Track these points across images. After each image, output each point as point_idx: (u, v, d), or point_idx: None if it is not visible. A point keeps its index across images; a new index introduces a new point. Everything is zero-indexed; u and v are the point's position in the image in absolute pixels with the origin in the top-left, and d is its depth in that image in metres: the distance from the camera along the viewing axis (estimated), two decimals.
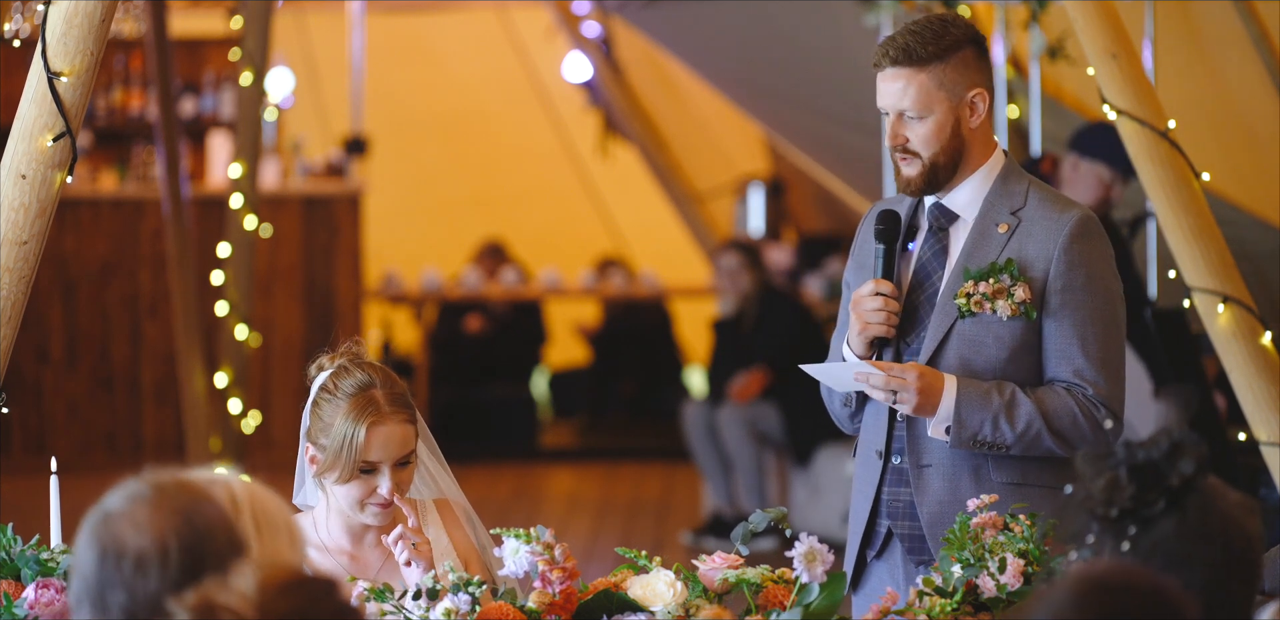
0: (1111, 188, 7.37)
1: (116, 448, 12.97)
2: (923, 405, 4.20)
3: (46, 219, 4.70)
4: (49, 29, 4.68)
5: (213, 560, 2.59)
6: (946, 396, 4.20)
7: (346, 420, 4.02)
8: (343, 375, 4.08)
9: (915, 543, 4.30)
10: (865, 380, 4.21)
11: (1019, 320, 4.27)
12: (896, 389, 4.19)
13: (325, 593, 2.55)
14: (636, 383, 15.15)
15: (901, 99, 4.28)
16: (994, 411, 4.20)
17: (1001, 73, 7.89)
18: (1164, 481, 2.69)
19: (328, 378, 4.10)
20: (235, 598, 2.50)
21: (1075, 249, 4.27)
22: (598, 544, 10.38)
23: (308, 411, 4.11)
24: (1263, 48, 7.47)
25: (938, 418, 4.22)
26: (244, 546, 2.63)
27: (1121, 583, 2.51)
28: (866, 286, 4.30)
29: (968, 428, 4.20)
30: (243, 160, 9.46)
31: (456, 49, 15.66)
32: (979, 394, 4.21)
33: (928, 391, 4.19)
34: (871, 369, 4.18)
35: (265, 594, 2.50)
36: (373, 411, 4.03)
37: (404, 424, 4.06)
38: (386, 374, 4.11)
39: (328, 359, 4.14)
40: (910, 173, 4.32)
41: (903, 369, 4.19)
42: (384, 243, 14.91)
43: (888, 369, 4.18)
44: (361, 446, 4.01)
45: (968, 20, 4.38)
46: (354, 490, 4.05)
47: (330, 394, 4.06)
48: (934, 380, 4.20)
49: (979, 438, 4.20)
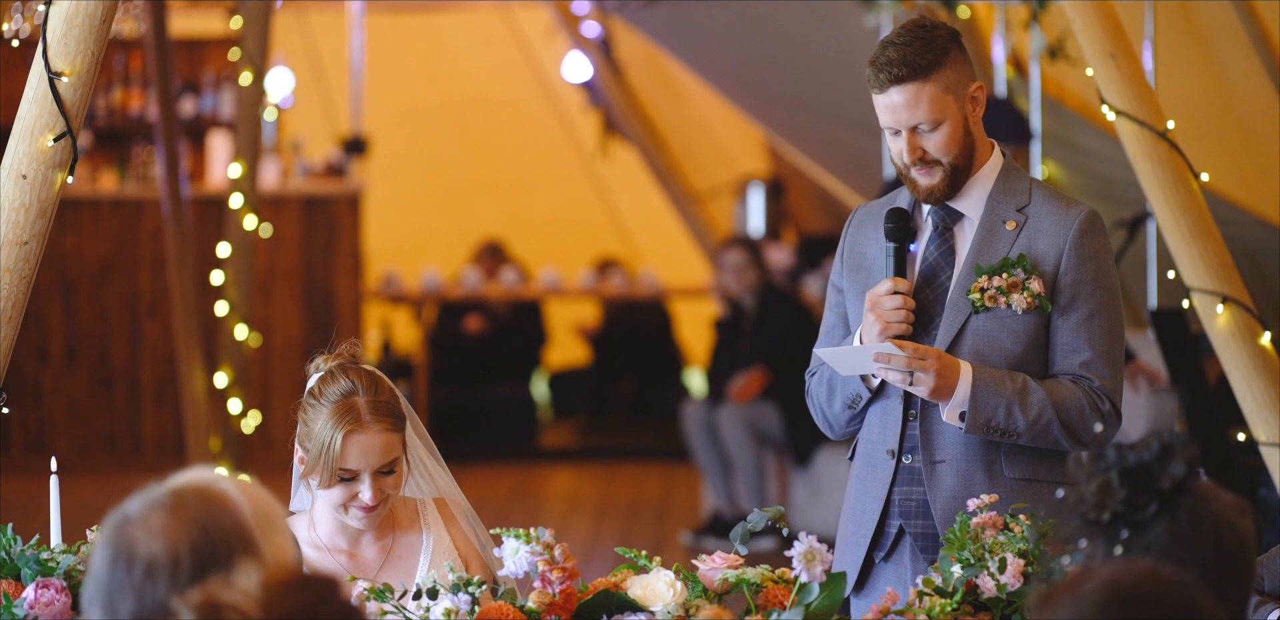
0: None
1: (116, 448, 12.97)
2: (940, 388, 4.20)
3: (47, 219, 4.70)
4: (49, 29, 4.68)
5: (223, 571, 2.59)
6: (963, 381, 4.21)
7: (326, 426, 4.01)
8: (328, 381, 4.07)
9: (928, 541, 4.29)
10: (887, 361, 4.20)
11: (1033, 313, 4.29)
12: (917, 370, 4.19)
13: (329, 591, 2.55)
14: (636, 383, 15.15)
15: (915, 113, 4.26)
16: (1008, 398, 4.22)
17: (1002, 73, 7.89)
18: (1155, 484, 2.69)
19: (315, 382, 4.09)
20: (240, 596, 2.50)
21: (1085, 244, 4.30)
22: (598, 544, 10.38)
23: (299, 415, 4.11)
24: (1263, 48, 7.47)
25: (953, 402, 4.23)
26: (257, 556, 2.63)
27: (1151, 596, 2.50)
28: (883, 285, 4.30)
29: (983, 412, 4.21)
30: (243, 160, 9.46)
31: (459, 48, 15.66)
32: (994, 380, 4.23)
33: (945, 374, 4.20)
34: (894, 349, 4.18)
35: (270, 592, 2.51)
36: (351, 420, 4.01)
37: (385, 433, 4.03)
38: (374, 380, 4.09)
39: (324, 360, 4.14)
40: (932, 181, 4.31)
41: (925, 349, 4.19)
42: (384, 241, 14.92)
43: (909, 348, 4.18)
44: (339, 454, 4.00)
45: (938, 19, 4.39)
46: (335, 495, 4.04)
47: (315, 399, 4.06)
48: (951, 364, 4.22)
49: (993, 423, 4.21)
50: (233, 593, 2.50)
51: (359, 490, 4.02)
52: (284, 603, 2.50)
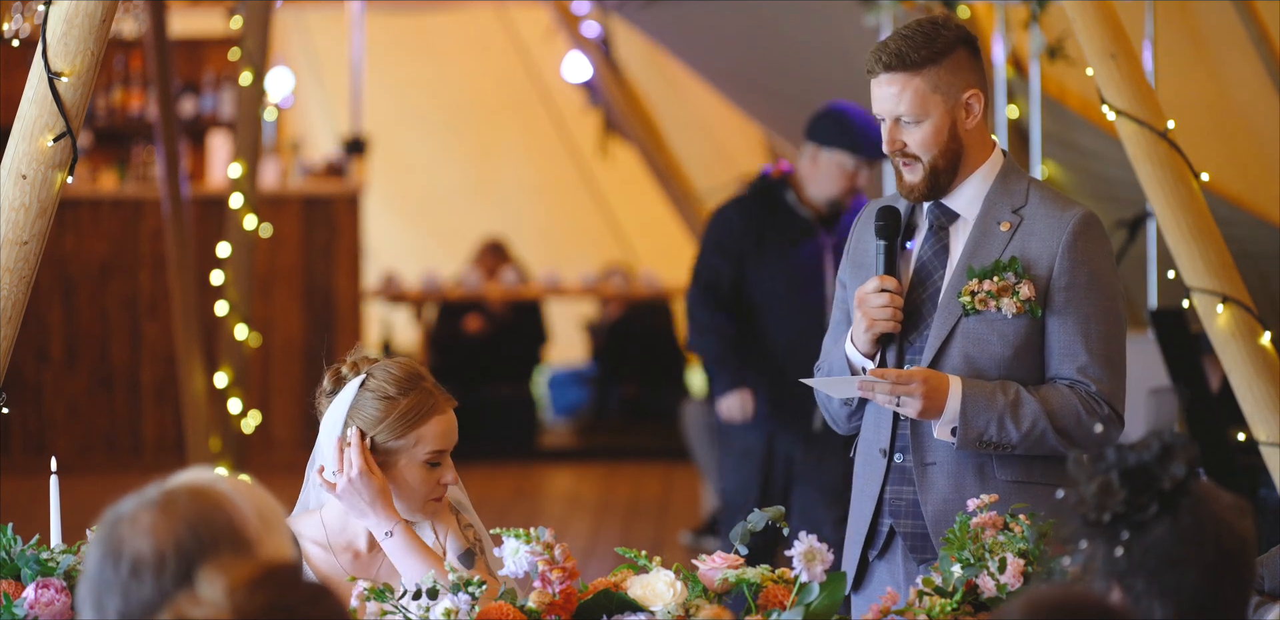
0: (856, 175, 7.27)
1: (116, 448, 12.97)
2: (927, 409, 4.20)
3: (47, 219, 4.70)
4: (49, 29, 4.68)
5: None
6: (952, 399, 4.20)
7: (412, 415, 4.05)
8: (387, 373, 4.09)
9: (918, 541, 4.30)
10: (870, 390, 4.20)
11: (1023, 318, 4.27)
12: (901, 396, 4.19)
13: (292, 579, 2.52)
14: (636, 383, 15.15)
15: (897, 104, 4.29)
16: (999, 412, 4.20)
17: (1001, 73, 7.89)
18: (1156, 485, 2.69)
19: (372, 378, 4.08)
20: (208, 609, 2.47)
21: (1079, 247, 4.28)
22: (598, 544, 10.38)
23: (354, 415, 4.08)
24: (1263, 48, 7.47)
25: (943, 420, 4.22)
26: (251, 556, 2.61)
27: (1076, 605, 2.53)
28: (871, 283, 4.30)
29: (973, 429, 4.20)
30: (242, 160, 9.47)
31: (459, 48, 15.66)
32: (984, 395, 4.21)
33: (932, 396, 4.19)
34: (876, 380, 4.18)
35: (236, 596, 2.47)
36: (434, 404, 4.08)
37: (453, 412, 4.12)
38: (419, 365, 4.18)
39: (346, 367, 4.15)
40: (913, 179, 4.32)
41: (908, 376, 4.18)
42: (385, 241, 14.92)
43: (893, 378, 4.18)
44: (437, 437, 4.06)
45: (959, 22, 4.39)
46: (422, 486, 4.07)
47: (380, 394, 4.06)
48: (939, 383, 4.20)
49: (984, 438, 4.20)
50: (200, 607, 2.47)
51: (443, 474, 4.06)
52: (252, 602, 2.47)
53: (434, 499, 4.09)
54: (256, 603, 2.47)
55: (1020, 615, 2.53)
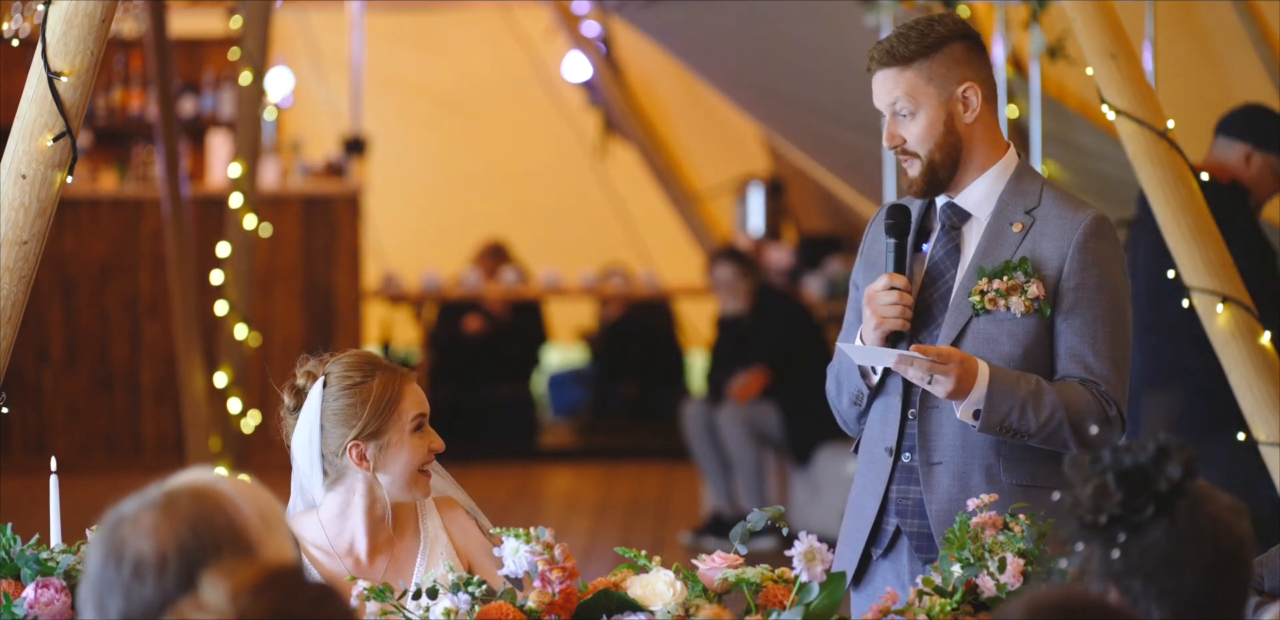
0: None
1: (116, 448, 12.97)
2: (957, 391, 4.20)
3: (46, 219, 4.70)
4: (49, 29, 4.68)
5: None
6: (980, 382, 4.21)
7: (386, 391, 4.10)
8: (351, 364, 4.12)
9: (923, 541, 4.30)
10: (909, 364, 4.20)
11: (1033, 317, 4.28)
12: (938, 374, 4.18)
13: (296, 582, 2.52)
14: (637, 383, 15.15)
15: (889, 98, 4.31)
16: (1022, 399, 4.21)
17: (1001, 73, 7.89)
18: (1152, 486, 2.69)
19: (336, 375, 4.11)
20: (212, 614, 2.47)
21: (1090, 248, 4.28)
22: (597, 544, 10.38)
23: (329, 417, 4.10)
24: (1263, 48, 7.47)
25: (968, 401, 4.22)
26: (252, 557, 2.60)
27: (1076, 605, 2.53)
28: (880, 281, 4.31)
29: (997, 412, 4.20)
30: (242, 160, 9.46)
31: (459, 47, 15.66)
32: (1009, 381, 4.22)
33: (964, 378, 4.20)
34: (915, 355, 4.18)
35: (239, 600, 2.47)
36: (398, 376, 4.13)
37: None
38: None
39: (301, 378, 4.19)
40: (912, 174, 4.34)
41: (947, 354, 4.18)
42: (385, 241, 14.92)
43: (934, 355, 4.18)
44: (414, 402, 4.11)
45: (959, 19, 4.39)
46: (417, 452, 4.10)
47: (349, 382, 4.11)
48: (971, 366, 4.21)
49: (1006, 422, 4.21)
50: (206, 612, 2.47)
51: (431, 440, 4.13)
52: (256, 606, 2.47)
53: (421, 471, 4.11)
54: (261, 607, 2.46)
55: (1020, 615, 2.53)
